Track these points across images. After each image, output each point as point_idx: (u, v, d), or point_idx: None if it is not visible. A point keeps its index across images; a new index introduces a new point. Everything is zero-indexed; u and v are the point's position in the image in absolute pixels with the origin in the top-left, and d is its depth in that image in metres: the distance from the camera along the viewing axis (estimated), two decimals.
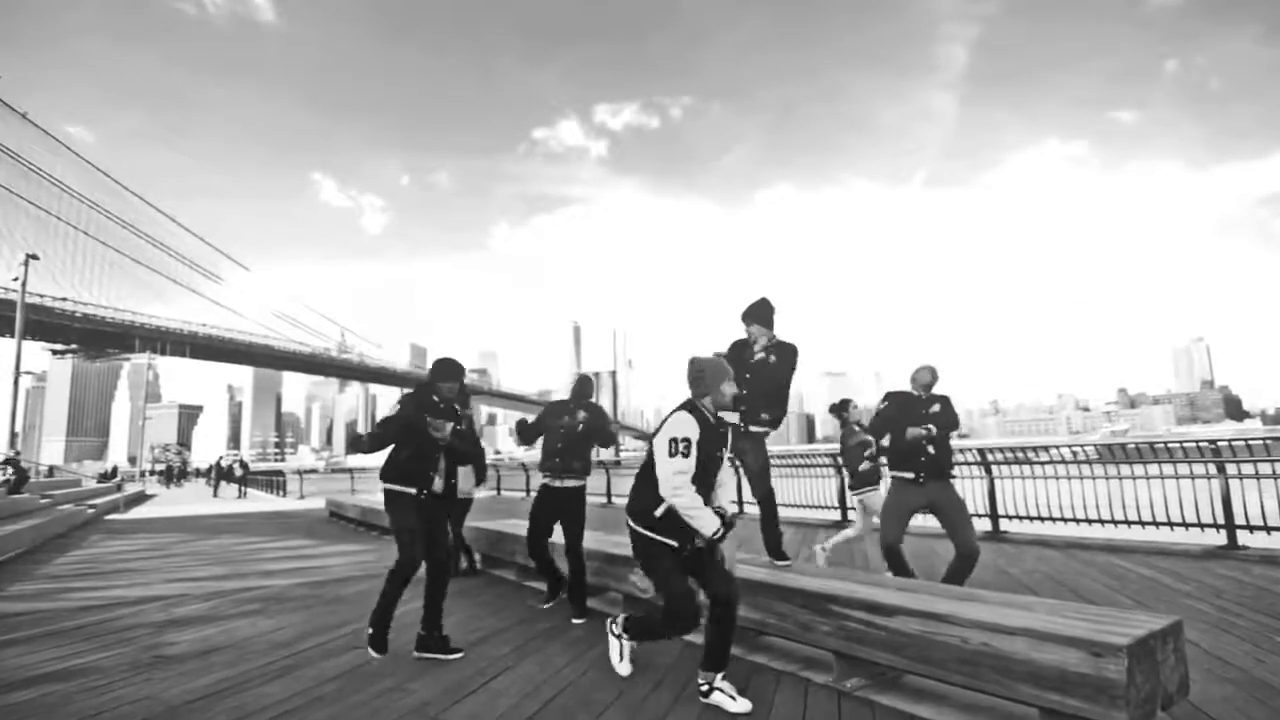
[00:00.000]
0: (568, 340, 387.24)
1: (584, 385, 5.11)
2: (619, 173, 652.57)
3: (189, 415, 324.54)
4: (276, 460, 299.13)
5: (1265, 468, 6.24)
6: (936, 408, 4.70)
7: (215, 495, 25.51)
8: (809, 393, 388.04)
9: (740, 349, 4.62)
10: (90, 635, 4.75)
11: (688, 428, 2.98)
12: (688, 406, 3.08)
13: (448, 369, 4.24)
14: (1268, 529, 6.16)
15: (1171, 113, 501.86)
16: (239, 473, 28.77)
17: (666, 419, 3.06)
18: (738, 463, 4.48)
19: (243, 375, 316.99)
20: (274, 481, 26.73)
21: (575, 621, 4.61)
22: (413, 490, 4.12)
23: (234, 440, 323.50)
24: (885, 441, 4.88)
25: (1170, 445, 7.25)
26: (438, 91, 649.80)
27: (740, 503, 10.59)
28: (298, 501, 21.53)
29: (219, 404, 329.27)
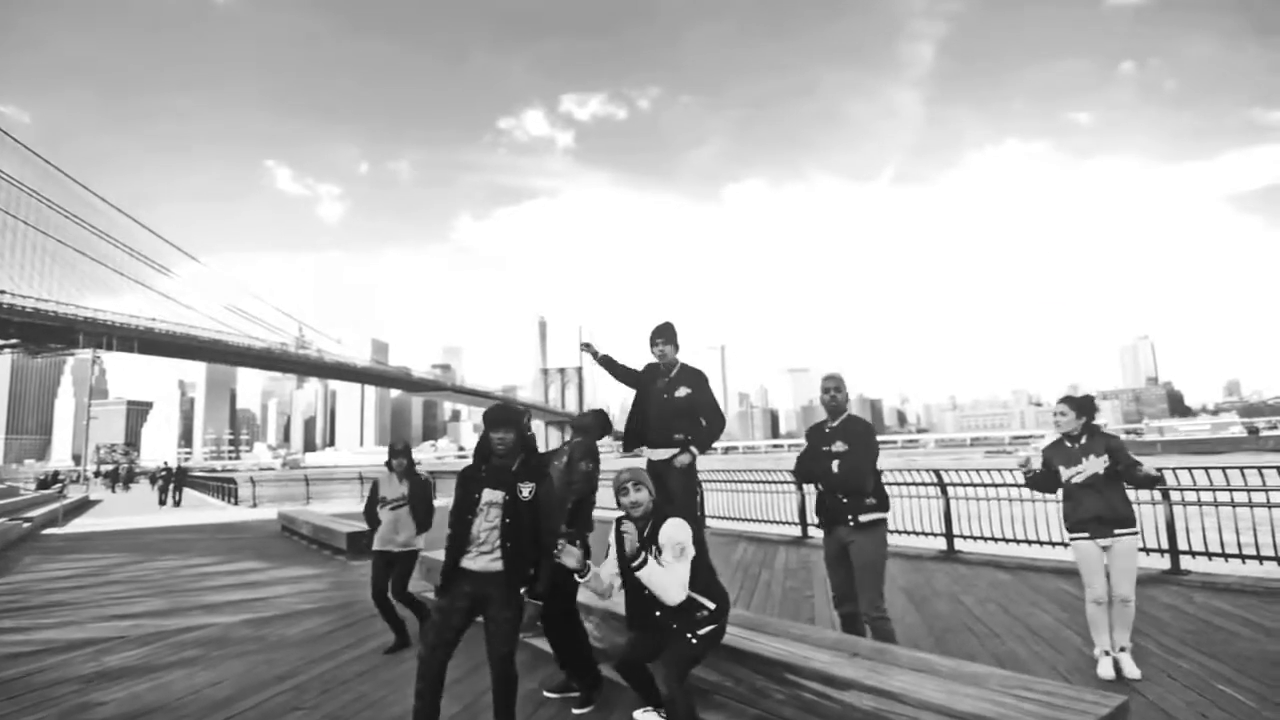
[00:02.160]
0: (533, 335, 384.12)
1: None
2: (586, 165, 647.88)
3: (138, 412, 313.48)
4: (231, 458, 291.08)
5: (1207, 495, 6.42)
6: (838, 445, 4.03)
7: (161, 504, 24.43)
8: (773, 388, 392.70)
9: (652, 374, 4.54)
10: (10, 694, 4.46)
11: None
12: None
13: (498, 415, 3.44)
14: (1209, 554, 6.36)
15: (1127, 114, 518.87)
16: (126, 473, 26.64)
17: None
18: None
19: (195, 370, 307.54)
20: (225, 488, 25.83)
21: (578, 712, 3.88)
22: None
23: (186, 438, 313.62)
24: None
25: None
26: (398, 77, 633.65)
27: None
28: (249, 510, 20.89)
29: (170, 400, 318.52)
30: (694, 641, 3.07)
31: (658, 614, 3.12)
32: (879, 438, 4.34)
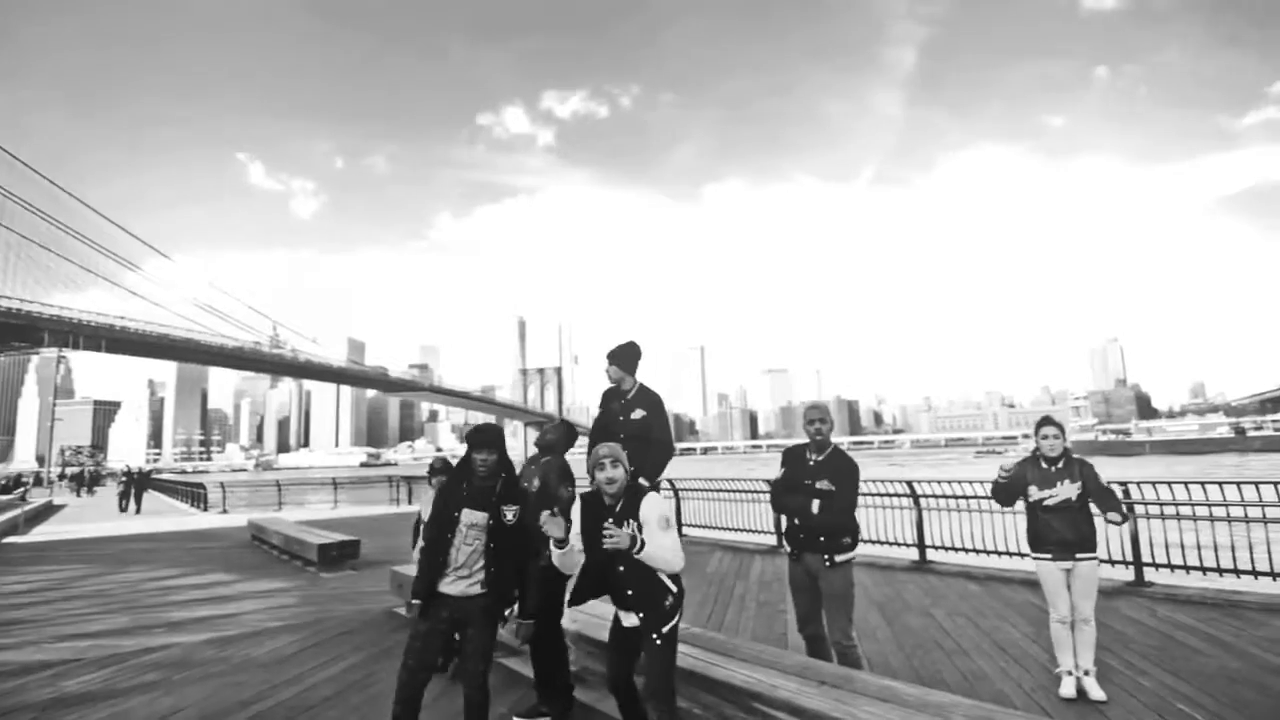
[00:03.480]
0: (512, 335, 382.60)
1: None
2: (567, 162, 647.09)
3: (105, 412, 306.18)
4: (202, 459, 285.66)
5: (1170, 509, 6.56)
6: (824, 484, 3.93)
7: (123, 511, 23.69)
8: (752, 389, 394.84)
9: (611, 398, 4.51)
10: None
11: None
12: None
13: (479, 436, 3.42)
14: (1171, 566, 6.49)
15: (1100, 118, 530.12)
16: (91, 476, 24.99)
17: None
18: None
19: (165, 370, 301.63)
20: (194, 493, 25.31)
21: None
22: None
23: (155, 439, 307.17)
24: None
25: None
26: (374, 71, 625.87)
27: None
28: (219, 517, 20.51)
29: (138, 400, 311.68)
30: (659, 643, 3.03)
31: (629, 593, 3.08)
32: (856, 438, 4.34)
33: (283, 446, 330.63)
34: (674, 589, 3.11)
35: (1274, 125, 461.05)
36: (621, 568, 3.07)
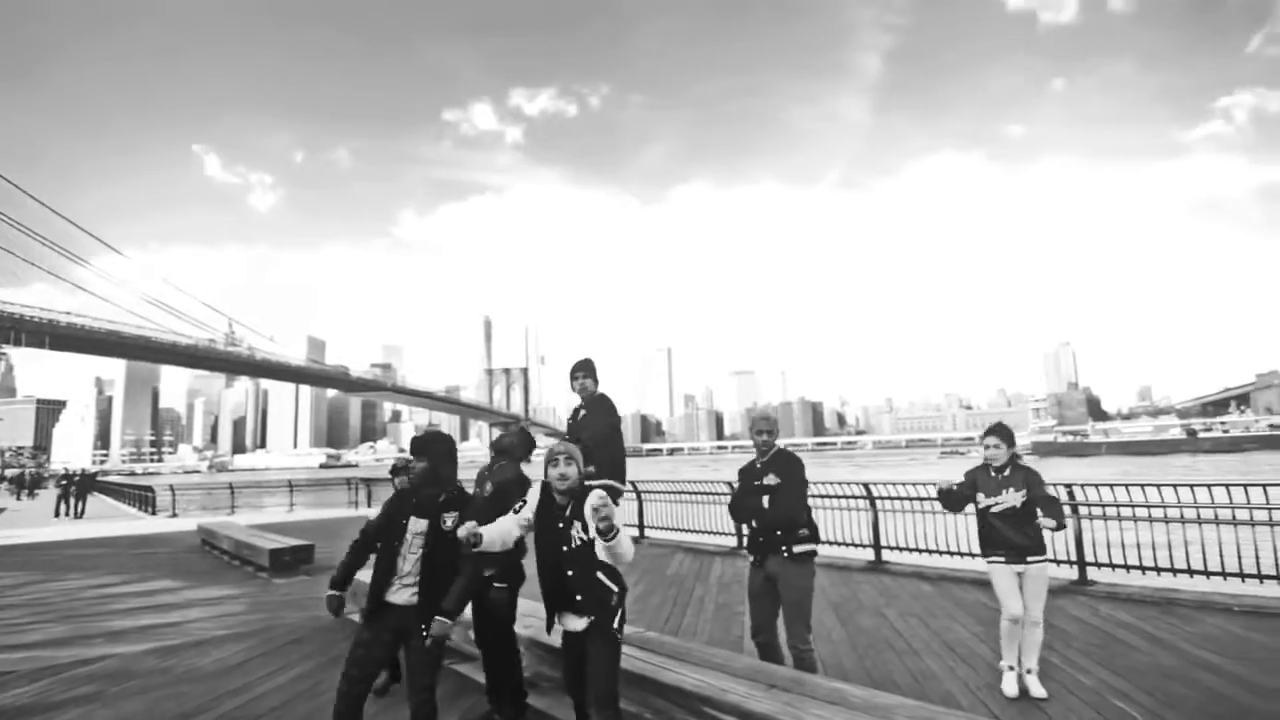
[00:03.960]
0: (478, 335, 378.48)
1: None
2: (535, 161, 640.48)
3: (50, 411, 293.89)
4: (153, 460, 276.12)
5: (1112, 510, 6.80)
6: (770, 479, 4.07)
7: (61, 515, 22.70)
8: (718, 390, 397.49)
9: (577, 409, 4.82)
10: None
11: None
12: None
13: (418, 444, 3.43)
14: (1113, 565, 6.72)
15: (1057, 128, 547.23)
16: (32, 479, 23.33)
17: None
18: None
19: (113, 367, 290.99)
20: (143, 496, 24.44)
21: None
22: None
23: (103, 439, 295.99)
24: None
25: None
26: (338, 63, 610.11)
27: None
28: (168, 521, 19.82)
29: (85, 399, 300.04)
30: (602, 644, 3.03)
31: (579, 599, 3.07)
32: (820, 439, 4.45)
33: (238, 447, 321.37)
34: (615, 587, 3.13)
35: (1220, 138, 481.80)
36: (571, 572, 3.07)
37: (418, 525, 3.27)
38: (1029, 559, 4.26)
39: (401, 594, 3.22)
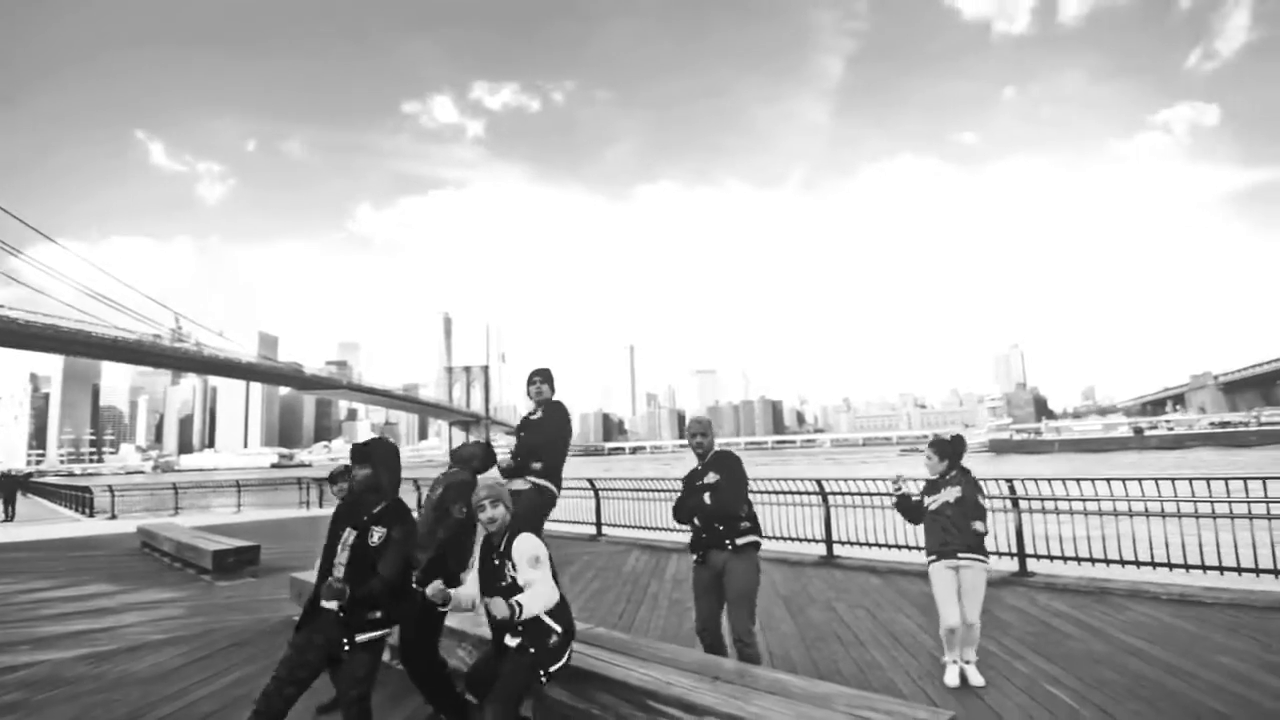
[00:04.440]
0: (438, 332, 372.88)
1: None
2: (497, 156, 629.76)
3: None
4: (93, 460, 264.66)
5: (1050, 504, 7.06)
6: (710, 477, 4.13)
7: None
8: (680, 389, 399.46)
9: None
10: None
11: None
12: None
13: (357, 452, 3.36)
14: (1051, 557, 6.98)
15: (1008, 136, 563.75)
16: None
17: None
18: None
19: (50, 363, 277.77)
20: (80, 497, 23.42)
21: None
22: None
23: (38, 438, 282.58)
24: None
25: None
26: (291, 50, 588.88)
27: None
28: (107, 523, 19.03)
29: (18, 396, 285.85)
30: (535, 672, 3.07)
31: (520, 628, 3.09)
32: (779, 438, 4.50)
33: (185, 447, 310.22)
34: (558, 628, 3.18)
35: (1160, 149, 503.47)
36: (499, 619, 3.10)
37: (349, 536, 3.24)
38: (961, 555, 4.32)
39: (332, 602, 3.15)
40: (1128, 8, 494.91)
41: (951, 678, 4.28)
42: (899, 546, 7.97)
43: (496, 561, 3.22)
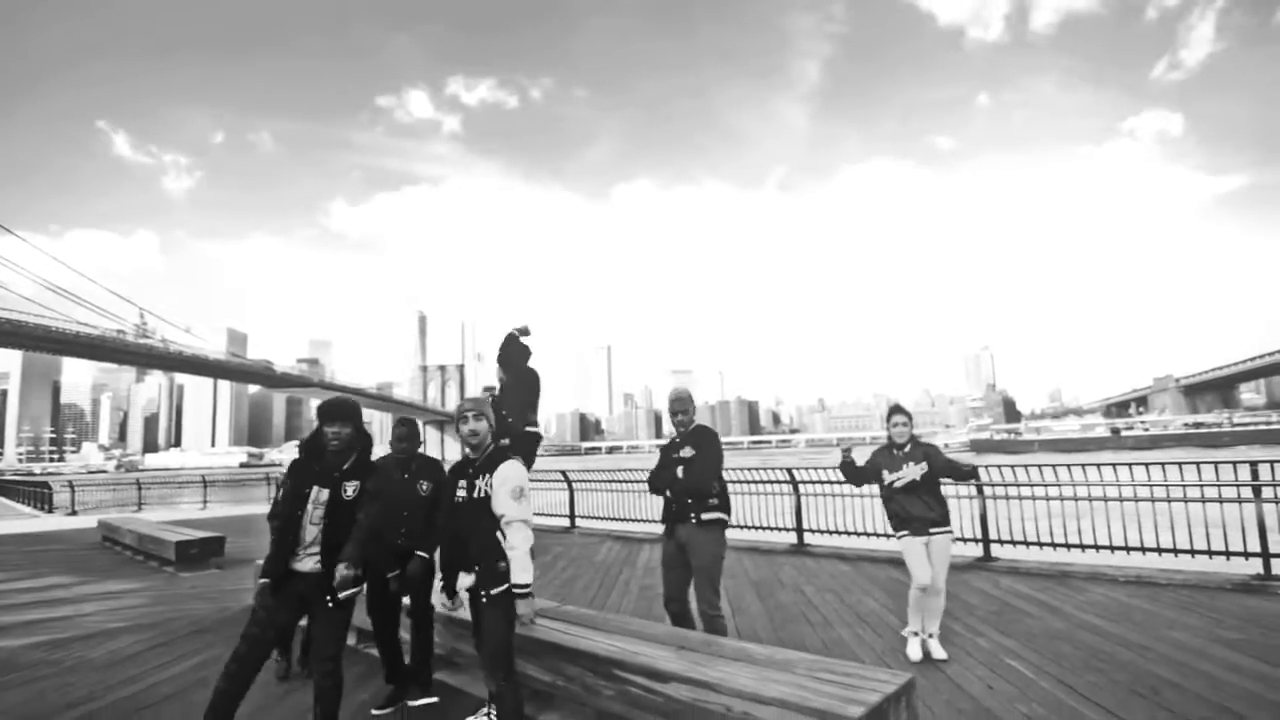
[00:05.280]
0: (412, 330, 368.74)
1: (412, 438, 4.30)
2: (474, 152, 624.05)
3: None
4: (54, 459, 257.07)
5: (1014, 491, 7.21)
6: (687, 451, 4.16)
7: None
8: (657, 388, 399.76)
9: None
10: None
11: None
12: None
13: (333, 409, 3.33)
14: (1014, 542, 7.13)
15: (981, 141, 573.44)
16: None
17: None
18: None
19: (8, 359, 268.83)
20: (39, 494, 22.75)
21: (424, 702, 3.89)
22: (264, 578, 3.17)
23: None
24: None
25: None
26: (260, 40, 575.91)
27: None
28: (66, 519, 18.53)
29: None
30: (486, 603, 3.00)
31: (469, 546, 3.07)
32: (755, 437, 4.52)
33: (150, 446, 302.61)
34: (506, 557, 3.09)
35: (1125, 155, 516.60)
36: (467, 519, 3.08)
37: (320, 494, 3.21)
38: (932, 530, 4.48)
39: (306, 562, 3.16)
40: (1097, 17, 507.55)
41: (914, 651, 4.36)
42: (868, 534, 8.07)
43: (466, 479, 3.10)
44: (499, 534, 3.01)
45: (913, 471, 4.51)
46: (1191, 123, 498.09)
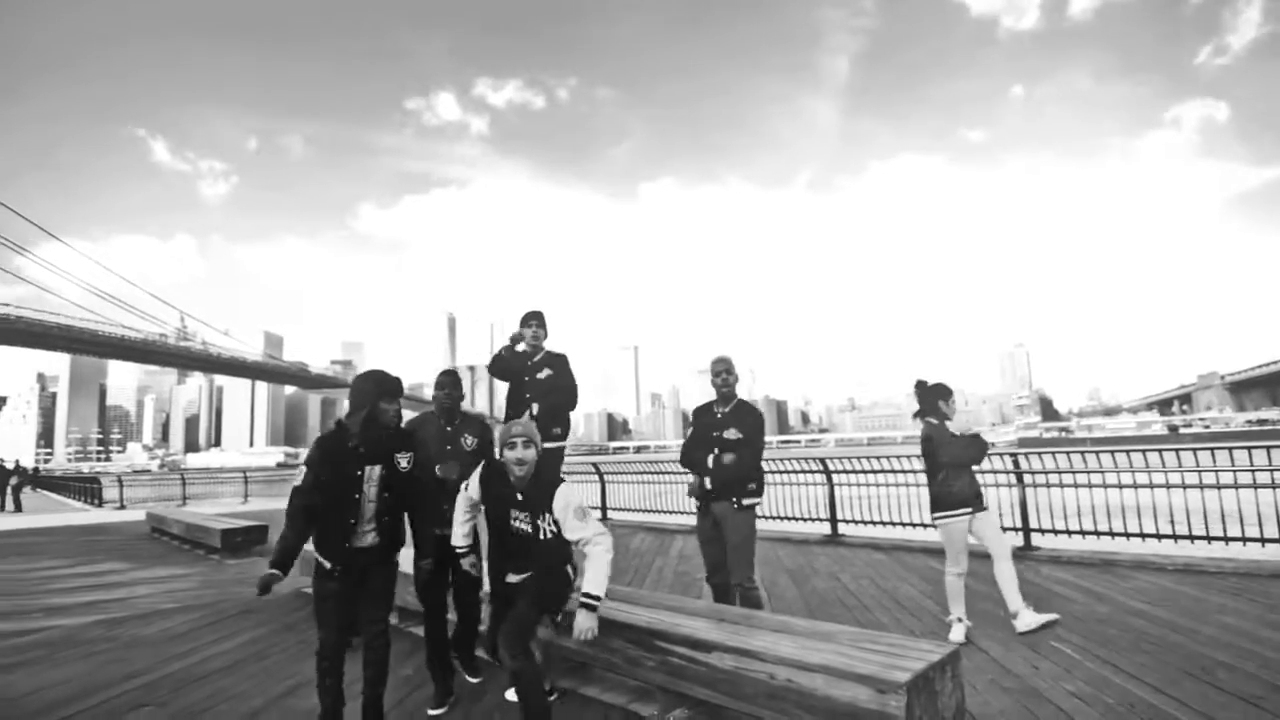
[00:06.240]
0: (442, 332, 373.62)
1: (454, 387, 4.06)
2: (500, 153, 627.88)
3: None
4: (100, 459, 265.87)
5: (1054, 477, 7.08)
6: (731, 433, 4.10)
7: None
8: (684, 388, 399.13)
9: (516, 358, 4.60)
10: None
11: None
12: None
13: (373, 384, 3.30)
14: (1056, 531, 6.99)
15: (1015, 135, 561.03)
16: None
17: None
18: None
19: (58, 362, 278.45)
20: (89, 489, 23.58)
21: (469, 681, 3.90)
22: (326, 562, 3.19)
23: (46, 438, 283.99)
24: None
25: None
26: (291, 46, 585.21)
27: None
28: (116, 512, 19.19)
29: (27, 395, 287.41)
30: (543, 616, 3.12)
31: (529, 572, 3.12)
32: (783, 438, 4.51)
33: (191, 446, 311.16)
34: (569, 569, 3.23)
35: (1170, 146, 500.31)
36: (528, 555, 3.16)
37: (373, 472, 3.25)
38: (978, 509, 4.49)
39: (366, 538, 3.21)
40: (1137, 3, 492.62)
41: (957, 634, 4.32)
42: (905, 524, 7.99)
43: (514, 507, 3.15)
44: (569, 567, 3.20)
45: None
46: (1237, 111, 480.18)
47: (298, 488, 3.21)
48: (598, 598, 2.99)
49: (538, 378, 4.57)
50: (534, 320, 4.55)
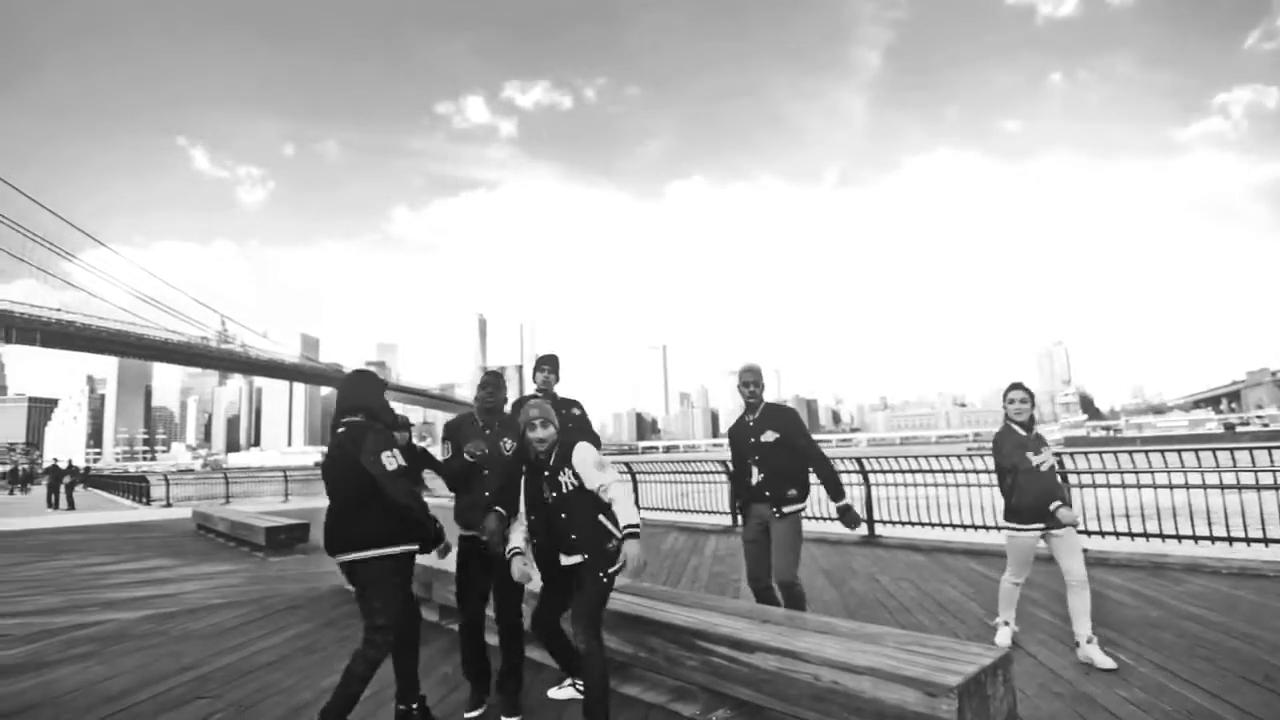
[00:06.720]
0: (473, 333, 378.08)
1: (497, 388, 3.88)
2: (529, 155, 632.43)
3: (41, 410, 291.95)
4: (146, 459, 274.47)
5: (1100, 477, 6.88)
6: (769, 436, 4.08)
7: (51, 507, 22.50)
8: (713, 388, 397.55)
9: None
10: None
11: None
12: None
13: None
14: (1103, 533, 6.80)
15: (1054, 124, 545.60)
16: (25, 474, 22.20)
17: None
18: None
19: (106, 365, 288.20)
20: (136, 487, 24.38)
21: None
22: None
23: (95, 438, 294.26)
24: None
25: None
26: (325, 51, 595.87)
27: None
28: (162, 510, 19.80)
29: (77, 397, 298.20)
30: (604, 580, 3.08)
31: (574, 538, 3.13)
32: (815, 437, 4.41)
33: (232, 445, 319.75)
34: (616, 532, 3.14)
35: (1217, 135, 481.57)
36: (564, 515, 3.13)
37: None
38: (1052, 525, 4.07)
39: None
40: None
41: (1003, 638, 4.22)
42: (943, 525, 7.85)
43: (547, 474, 3.20)
44: (601, 517, 3.13)
45: (1049, 456, 4.17)
46: None
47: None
48: (637, 525, 3.04)
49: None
50: (546, 365, 4.44)
